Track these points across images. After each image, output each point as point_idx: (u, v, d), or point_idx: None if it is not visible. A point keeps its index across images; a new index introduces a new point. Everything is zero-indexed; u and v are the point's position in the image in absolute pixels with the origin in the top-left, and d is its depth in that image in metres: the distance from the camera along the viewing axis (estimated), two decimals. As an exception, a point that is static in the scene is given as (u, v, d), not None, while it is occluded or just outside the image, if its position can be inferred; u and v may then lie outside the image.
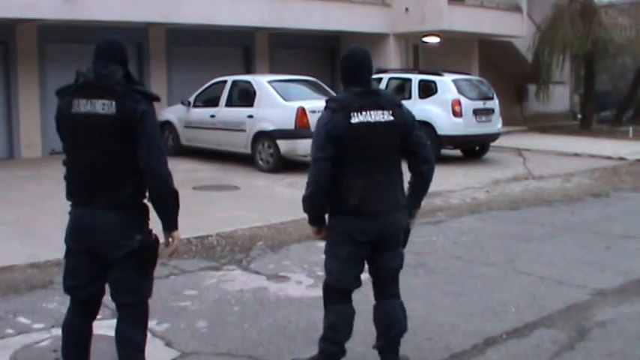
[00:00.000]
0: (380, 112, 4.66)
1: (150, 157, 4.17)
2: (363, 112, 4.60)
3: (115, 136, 4.13)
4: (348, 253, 4.70)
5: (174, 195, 4.28)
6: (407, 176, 4.82)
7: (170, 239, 4.37)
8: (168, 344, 5.58)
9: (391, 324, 4.90)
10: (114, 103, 4.10)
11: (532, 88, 25.40)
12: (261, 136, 14.24)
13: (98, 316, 4.51)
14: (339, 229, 4.73)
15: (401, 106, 4.80)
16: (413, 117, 4.86)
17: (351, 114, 4.58)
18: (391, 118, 4.68)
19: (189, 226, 9.44)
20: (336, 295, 4.82)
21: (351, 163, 4.62)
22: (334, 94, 15.80)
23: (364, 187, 4.61)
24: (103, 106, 4.11)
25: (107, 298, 4.51)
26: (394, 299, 4.93)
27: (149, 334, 5.52)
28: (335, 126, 4.56)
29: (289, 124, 13.79)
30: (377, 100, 4.69)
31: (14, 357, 5.31)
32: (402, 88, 16.78)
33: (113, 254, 4.19)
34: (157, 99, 4.29)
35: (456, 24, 20.66)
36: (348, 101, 4.64)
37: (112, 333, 4.39)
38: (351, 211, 4.63)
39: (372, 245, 4.73)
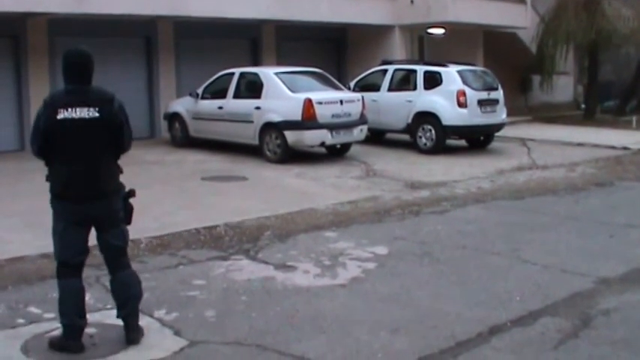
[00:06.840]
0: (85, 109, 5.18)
1: None
2: (69, 109, 5.11)
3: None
4: (63, 228, 5.23)
5: None
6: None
7: None
8: (177, 333, 5.65)
9: (128, 292, 5.42)
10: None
11: (536, 79, 25.34)
12: (268, 127, 14.26)
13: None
14: (55, 208, 5.28)
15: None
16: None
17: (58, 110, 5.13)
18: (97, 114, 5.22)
19: (197, 216, 9.61)
20: (62, 269, 5.30)
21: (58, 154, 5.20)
22: (341, 85, 15.91)
23: (67, 175, 5.15)
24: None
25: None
26: (127, 270, 5.48)
27: (158, 324, 5.65)
28: (45, 121, 5.13)
29: (296, 115, 13.83)
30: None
31: (25, 346, 5.38)
32: (407, 79, 16.84)
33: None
34: None
35: (461, 15, 20.66)
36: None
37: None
38: (58, 195, 5.20)
39: (93, 225, 5.31)
